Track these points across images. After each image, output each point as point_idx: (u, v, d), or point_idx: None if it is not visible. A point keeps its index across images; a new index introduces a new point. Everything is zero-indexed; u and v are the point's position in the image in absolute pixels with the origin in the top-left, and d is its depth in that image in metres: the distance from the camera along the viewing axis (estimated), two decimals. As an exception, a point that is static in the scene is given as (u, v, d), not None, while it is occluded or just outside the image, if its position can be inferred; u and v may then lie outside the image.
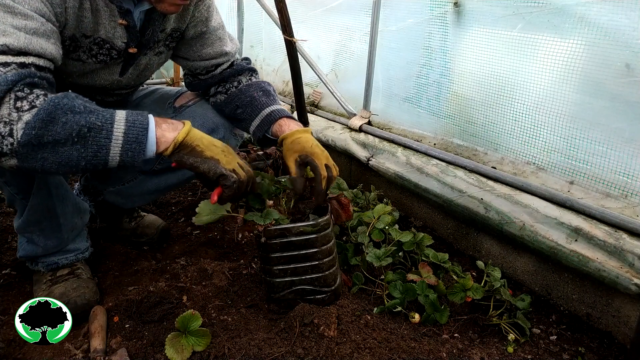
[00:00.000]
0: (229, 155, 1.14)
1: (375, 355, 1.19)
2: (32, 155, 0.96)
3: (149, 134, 1.05)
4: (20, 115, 0.94)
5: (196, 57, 1.48)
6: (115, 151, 1.02)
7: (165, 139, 1.07)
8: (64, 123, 0.97)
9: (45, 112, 0.95)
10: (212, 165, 1.09)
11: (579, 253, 1.37)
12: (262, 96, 1.45)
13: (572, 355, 1.32)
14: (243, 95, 1.47)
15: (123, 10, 1.20)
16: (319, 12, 2.64)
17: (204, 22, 1.43)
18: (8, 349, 1.19)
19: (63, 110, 0.97)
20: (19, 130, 0.94)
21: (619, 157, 1.39)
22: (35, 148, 0.96)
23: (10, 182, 1.24)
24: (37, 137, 0.95)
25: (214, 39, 1.47)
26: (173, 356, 1.14)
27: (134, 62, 1.37)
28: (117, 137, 1.01)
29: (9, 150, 0.95)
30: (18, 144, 0.94)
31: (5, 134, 0.94)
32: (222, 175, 1.09)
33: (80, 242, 1.47)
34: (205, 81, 1.53)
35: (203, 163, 1.09)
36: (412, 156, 1.96)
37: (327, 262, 1.30)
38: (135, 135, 1.02)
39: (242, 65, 1.53)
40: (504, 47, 1.66)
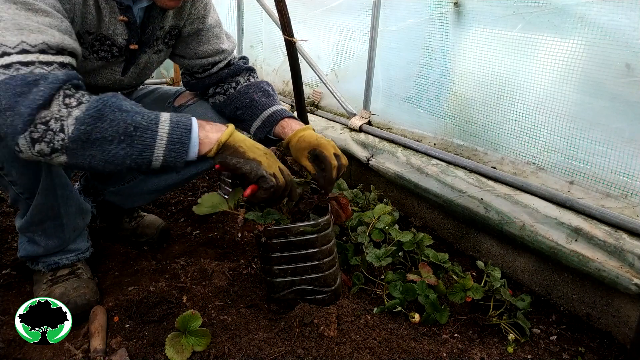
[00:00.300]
0: (270, 158, 1.15)
1: (375, 355, 1.19)
2: (80, 152, 0.98)
3: (192, 135, 1.06)
4: (69, 112, 0.96)
5: (192, 54, 1.48)
6: (159, 151, 1.03)
7: (208, 140, 1.09)
8: (112, 120, 0.99)
9: (95, 109, 0.98)
10: (255, 166, 1.10)
11: (579, 253, 1.37)
12: (261, 97, 1.45)
13: (572, 355, 1.32)
14: (242, 96, 1.47)
15: (123, 7, 1.21)
16: (319, 12, 2.64)
17: (200, 19, 1.43)
18: (8, 349, 1.19)
19: (111, 108, 1.00)
20: (69, 126, 0.96)
21: (619, 157, 1.39)
22: (84, 145, 0.98)
23: (16, 182, 1.24)
24: (86, 133, 0.97)
25: (210, 37, 1.47)
26: (173, 356, 1.14)
27: (135, 61, 1.37)
28: (162, 137, 1.03)
29: (60, 146, 0.96)
30: (69, 140, 0.96)
31: (57, 130, 0.95)
32: (262, 177, 1.10)
33: (81, 242, 1.47)
34: (203, 81, 1.53)
35: (245, 164, 1.10)
36: (412, 156, 1.96)
37: (327, 262, 1.30)
38: (179, 135, 1.04)
39: (239, 65, 1.54)
40: (504, 47, 1.66)
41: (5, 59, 0.94)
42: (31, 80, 0.94)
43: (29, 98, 0.93)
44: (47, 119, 0.95)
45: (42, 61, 0.97)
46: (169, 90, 1.65)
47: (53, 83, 0.96)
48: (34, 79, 0.94)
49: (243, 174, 1.10)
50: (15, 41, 0.95)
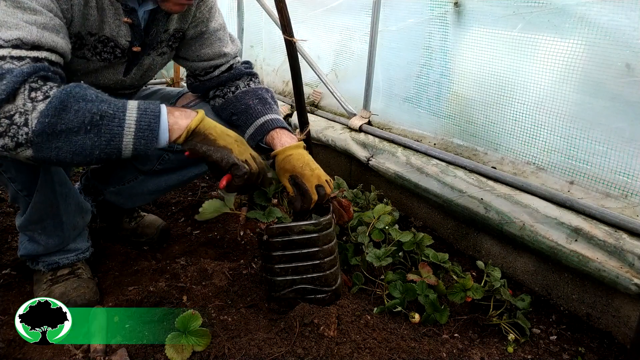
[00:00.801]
0: (241, 145, 1.14)
1: (375, 355, 1.19)
2: (46, 145, 0.96)
3: (161, 122, 1.05)
4: (34, 105, 0.95)
5: (195, 57, 1.49)
6: (128, 139, 1.01)
7: (177, 126, 1.07)
8: (77, 111, 0.97)
9: (58, 100, 0.96)
10: (225, 154, 1.09)
11: (579, 253, 1.37)
12: (257, 104, 1.45)
13: (572, 355, 1.32)
14: (238, 102, 1.47)
15: (128, 9, 1.21)
16: (319, 12, 2.64)
17: (204, 22, 1.44)
18: (8, 349, 1.19)
19: (75, 99, 0.98)
20: (33, 120, 0.94)
21: (619, 157, 1.39)
22: (50, 137, 0.96)
23: (14, 179, 1.24)
24: (50, 126, 0.95)
25: (213, 40, 1.47)
26: (173, 356, 1.14)
27: (138, 62, 1.37)
28: (130, 124, 1.01)
29: (24, 140, 0.95)
30: (33, 134, 0.95)
31: (21, 124, 0.94)
32: (235, 164, 1.09)
33: (81, 242, 1.47)
34: (204, 83, 1.54)
35: (216, 152, 1.08)
36: (412, 156, 1.96)
37: (328, 261, 1.30)
38: (147, 122, 1.02)
39: (240, 69, 1.53)
40: (504, 47, 1.66)
41: None
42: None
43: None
44: (12, 113, 0.93)
45: (13, 56, 0.96)
46: (171, 92, 1.65)
47: (17, 77, 0.94)
48: (1, 73, 0.94)
49: (214, 162, 1.09)
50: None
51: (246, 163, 1.11)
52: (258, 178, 1.15)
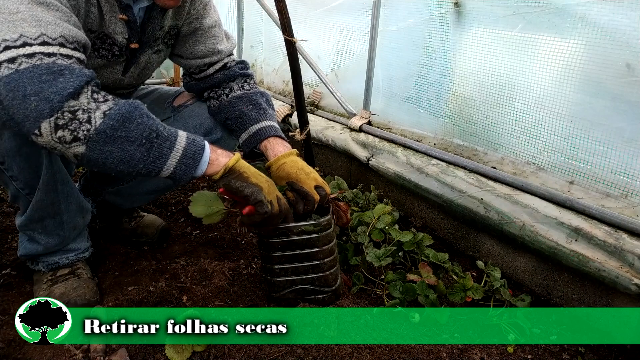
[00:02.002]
0: (271, 186, 1.19)
1: (375, 355, 1.19)
2: (101, 146, 1.00)
3: (204, 154, 1.11)
4: (98, 105, 0.99)
5: (189, 54, 1.49)
6: (172, 162, 1.07)
7: (217, 162, 1.14)
8: (139, 124, 1.02)
9: (125, 109, 1.01)
10: (256, 190, 1.14)
11: (579, 253, 1.37)
12: (251, 110, 1.46)
13: (572, 355, 1.32)
14: (232, 108, 1.47)
15: (123, 6, 1.22)
16: (319, 12, 2.64)
17: (198, 19, 1.43)
18: (8, 349, 1.19)
19: (140, 113, 1.04)
20: (97, 119, 0.98)
21: (619, 157, 1.39)
22: (107, 139, 1.00)
23: (16, 177, 1.24)
24: (112, 129, 0.99)
25: (207, 37, 1.47)
26: (173, 356, 1.14)
27: (136, 61, 1.37)
28: (178, 149, 1.07)
29: (84, 136, 0.98)
30: (95, 131, 0.98)
31: (83, 120, 0.97)
32: (260, 202, 1.13)
33: (81, 241, 1.47)
34: (198, 83, 1.54)
35: (248, 187, 1.13)
36: (412, 156, 1.96)
37: (328, 262, 1.30)
38: (193, 152, 1.09)
39: (234, 70, 1.52)
40: (504, 47, 1.66)
41: (27, 49, 0.96)
42: (56, 70, 0.96)
43: (57, 86, 0.95)
44: (75, 109, 0.97)
45: (62, 54, 1.00)
46: (168, 91, 1.65)
47: (81, 77, 0.98)
48: (58, 69, 0.97)
49: (244, 197, 1.13)
50: (36, 33, 0.97)
51: (270, 203, 1.16)
52: (278, 219, 1.19)
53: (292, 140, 1.86)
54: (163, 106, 1.57)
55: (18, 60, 0.94)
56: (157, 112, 1.55)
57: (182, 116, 1.51)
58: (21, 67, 0.94)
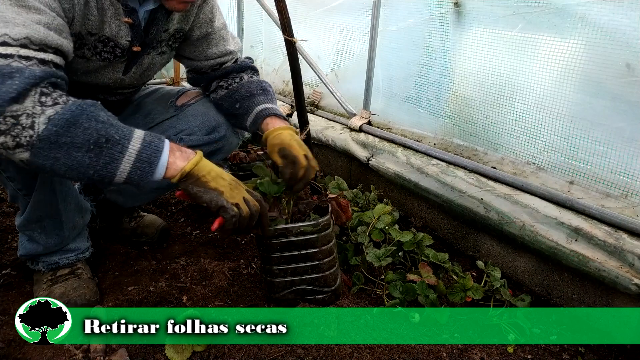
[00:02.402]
0: (234, 189, 1.13)
1: (375, 355, 1.19)
2: (45, 152, 0.97)
3: (161, 158, 1.05)
4: (43, 110, 0.95)
5: (202, 57, 1.50)
6: (125, 167, 1.02)
7: (175, 166, 1.08)
8: (86, 129, 0.98)
9: (71, 113, 0.97)
10: (214, 196, 1.09)
11: (579, 253, 1.36)
12: (260, 94, 1.47)
13: (572, 355, 1.32)
14: (243, 89, 1.48)
15: (128, 9, 1.21)
16: (319, 12, 2.64)
17: (208, 23, 1.44)
18: (8, 349, 1.19)
19: (88, 117, 0.99)
20: (40, 124, 0.95)
21: (619, 157, 1.39)
22: (52, 146, 0.96)
23: (14, 178, 1.24)
24: (56, 135, 0.96)
25: (218, 39, 1.49)
26: (173, 356, 1.14)
27: (137, 61, 1.37)
28: (131, 154, 1.02)
29: (26, 142, 0.95)
30: (38, 138, 0.95)
31: (26, 126, 0.94)
32: (223, 207, 1.08)
33: (81, 241, 1.47)
34: (209, 74, 1.55)
35: (205, 194, 1.09)
36: (412, 156, 1.96)
37: (327, 262, 1.30)
38: (147, 156, 1.04)
39: (245, 62, 1.55)
40: (504, 47, 1.66)
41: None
42: (6, 73, 0.93)
43: (1, 90, 0.92)
44: (19, 114, 0.93)
45: (21, 55, 0.97)
46: (171, 90, 1.65)
47: (29, 78, 0.94)
48: (9, 71, 0.94)
49: (203, 203, 1.09)
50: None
51: (236, 206, 1.10)
52: (251, 221, 1.14)
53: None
54: (166, 105, 1.57)
55: None
56: (160, 112, 1.56)
57: (185, 115, 1.52)
58: None
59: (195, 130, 1.48)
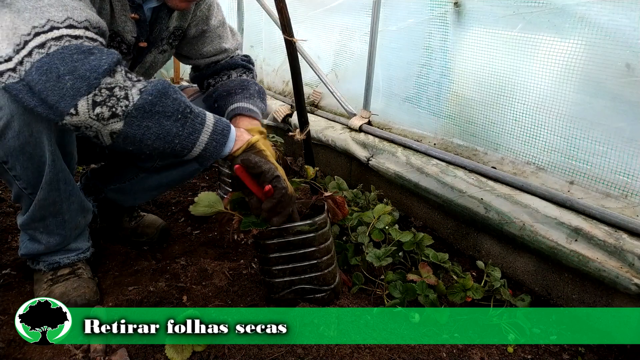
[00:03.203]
0: (283, 172, 1.22)
1: (375, 355, 1.19)
2: (139, 121, 1.02)
3: (231, 130, 1.16)
4: (133, 83, 1.02)
5: (198, 55, 1.53)
6: (204, 137, 1.10)
7: (242, 138, 1.18)
8: (175, 99, 1.06)
9: (161, 85, 1.05)
10: (272, 167, 1.17)
11: (579, 253, 1.36)
12: (238, 92, 1.47)
13: (572, 355, 1.32)
14: (222, 88, 1.50)
15: (135, 5, 1.23)
16: (319, 12, 2.64)
17: (204, 20, 1.46)
18: (8, 349, 1.19)
19: (174, 89, 1.08)
20: (134, 95, 1.01)
21: (619, 157, 1.39)
22: (145, 115, 1.02)
23: (20, 177, 1.24)
24: (150, 104, 1.02)
25: (213, 37, 1.51)
26: (173, 356, 1.14)
27: (142, 60, 1.39)
28: (209, 125, 1.11)
29: (122, 112, 1.00)
30: (134, 106, 1.00)
31: (121, 97, 0.99)
32: (278, 177, 1.16)
33: (82, 241, 1.47)
34: (202, 73, 1.58)
35: (266, 164, 1.17)
36: (412, 156, 1.96)
37: (325, 260, 1.30)
38: (222, 128, 1.14)
39: (237, 60, 1.57)
40: (504, 47, 1.66)
41: (55, 32, 0.97)
42: (85, 50, 0.98)
43: (90, 64, 0.96)
44: (112, 86, 0.99)
45: (88, 37, 1.01)
46: None
47: (112, 55, 1.00)
48: (87, 48, 0.98)
49: (262, 172, 1.16)
50: (62, 17, 0.99)
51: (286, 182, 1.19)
52: (291, 202, 1.20)
53: (292, 140, 1.86)
54: None
55: (47, 45, 0.96)
56: None
57: None
58: (51, 50, 0.95)
59: None
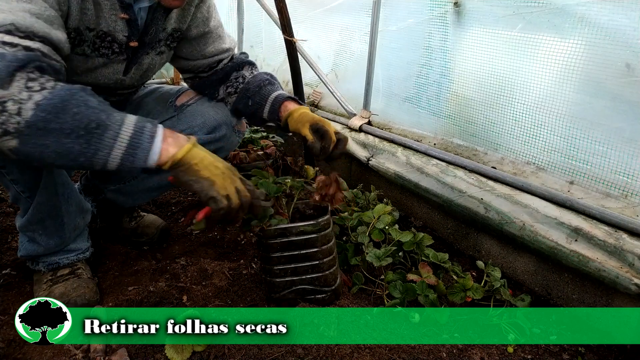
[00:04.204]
0: (227, 178, 1.10)
1: (375, 355, 1.19)
2: (34, 139, 0.94)
3: (154, 144, 1.03)
4: (30, 95, 0.92)
5: (199, 55, 1.51)
6: (117, 153, 1.00)
7: (167, 152, 1.05)
8: (75, 114, 0.95)
9: (60, 98, 0.94)
10: (205, 186, 1.07)
11: (579, 253, 1.36)
12: (267, 85, 1.50)
13: (572, 355, 1.32)
14: (251, 86, 1.51)
15: (124, 5, 1.22)
16: (319, 12, 2.64)
17: (205, 22, 1.46)
18: (8, 349, 1.19)
19: (77, 102, 0.96)
20: (28, 110, 0.92)
21: (619, 157, 1.39)
22: (40, 132, 0.94)
23: (17, 181, 1.24)
24: (44, 121, 0.93)
25: (215, 37, 1.51)
26: (173, 356, 1.14)
27: (137, 62, 1.37)
28: (123, 140, 1.00)
29: (14, 129, 0.92)
30: (25, 124, 0.91)
31: (13, 113, 0.91)
32: (212, 198, 1.06)
33: (81, 242, 1.47)
34: (209, 79, 1.55)
35: (196, 183, 1.07)
36: (412, 156, 1.96)
37: (327, 261, 1.30)
38: (139, 142, 1.01)
39: (241, 58, 1.58)
40: (504, 47, 1.66)
41: None
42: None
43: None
44: (4, 100, 0.90)
45: (5, 41, 0.95)
46: (170, 90, 1.65)
47: (12, 62, 0.92)
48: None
49: (194, 192, 1.08)
50: None
51: (227, 197, 1.08)
52: (240, 212, 1.11)
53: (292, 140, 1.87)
54: (165, 105, 1.57)
55: None
56: (159, 112, 1.56)
57: (185, 115, 1.52)
58: None
59: (196, 130, 1.48)
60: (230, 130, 1.55)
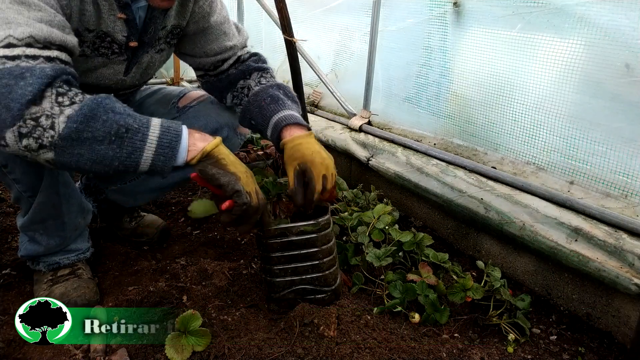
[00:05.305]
0: (249, 178, 1.15)
1: (375, 355, 1.19)
2: (69, 150, 0.98)
3: (181, 142, 1.07)
4: (62, 110, 0.96)
5: (202, 53, 1.48)
6: (148, 154, 1.04)
7: (195, 147, 1.09)
8: (104, 121, 0.99)
9: (88, 108, 0.98)
10: (232, 179, 1.10)
11: (579, 253, 1.37)
12: (270, 104, 1.40)
13: (572, 355, 1.32)
14: (252, 106, 1.43)
15: (121, 4, 1.21)
16: (319, 12, 2.65)
17: (205, 17, 1.42)
18: (8, 349, 1.19)
19: (105, 109, 1.00)
20: (60, 124, 0.96)
21: (619, 157, 1.39)
22: (74, 143, 0.98)
23: (19, 180, 1.24)
24: (77, 132, 0.97)
25: (217, 34, 1.45)
26: (173, 356, 1.14)
27: (137, 61, 1.37)
28: (152, 140, 1.04)
29: (49, 143, 0.96)
30: (59, 137, 0.96)
31: (47, 127, 0.95)
32: (238, 191, 1.10)
33: (82, 242, 1.47)
34: (217, 82, 1.51)
35: (224, 176, 1.10)
36: (412, 156, 1.96)
37: (327, 261, 1.30)
38: (168, 141, 1.06)
39: (249, 64, 1.49)
40: (503, 47, 1.66)
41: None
42: (17, 74, 0.93)
43: (17, 92, 0.92)
44: (38, 115, 0.94)
45: (28, 55, 0.97)
46: (172, 91, 1.64)
47: (41, 78, 0.95)
48: (19, 72, 0.94)
49: (220, 185, 1.10)
50: (2, 35, 0.95)
51: (249, 194, 1.12)
52: (256, 213, 1.15)
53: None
54: (167, 107, 1.57)
55: None
56: (161, 113, 1.55)
57: (188, 117, 1.51)
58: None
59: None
60: (232, 133, 1.54)
